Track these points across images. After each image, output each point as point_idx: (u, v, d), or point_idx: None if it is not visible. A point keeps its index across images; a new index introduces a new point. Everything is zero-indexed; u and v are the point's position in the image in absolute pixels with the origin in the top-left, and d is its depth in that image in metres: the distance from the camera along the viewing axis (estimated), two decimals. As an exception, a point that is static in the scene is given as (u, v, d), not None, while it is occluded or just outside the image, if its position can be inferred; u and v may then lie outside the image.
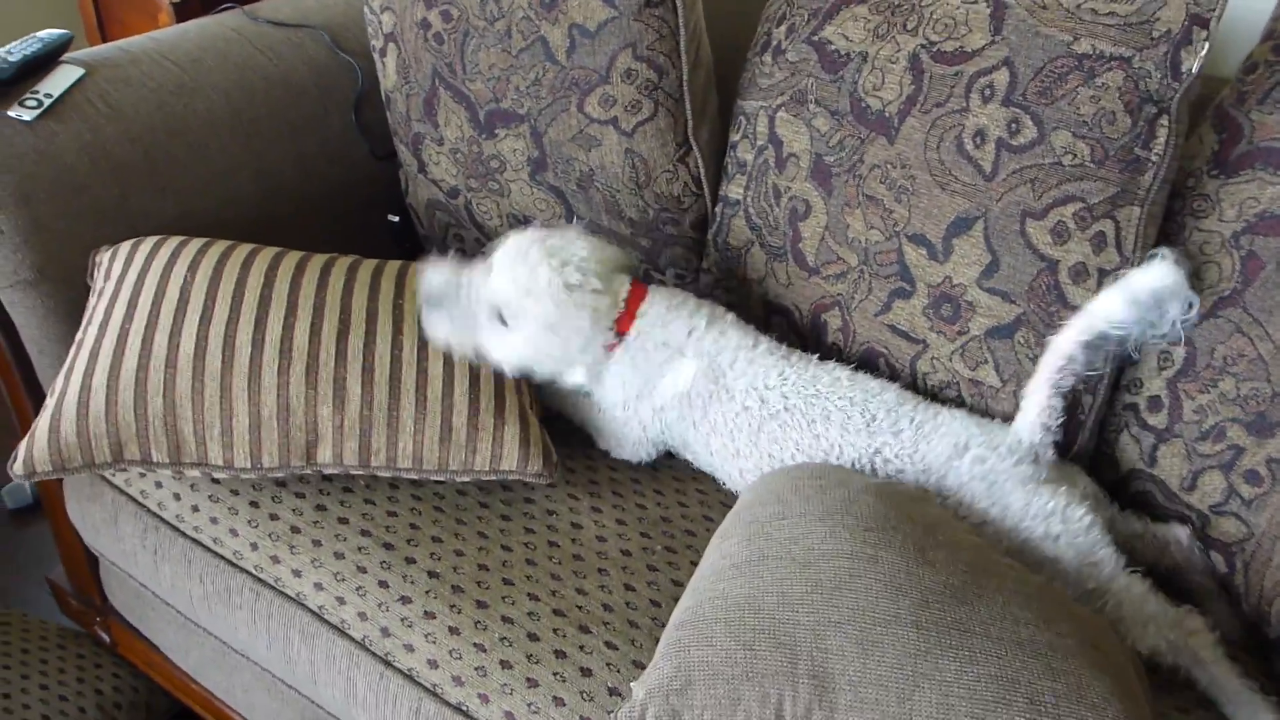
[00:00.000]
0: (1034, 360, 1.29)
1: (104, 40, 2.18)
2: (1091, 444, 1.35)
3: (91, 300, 1.41)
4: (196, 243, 1.43)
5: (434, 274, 1.34)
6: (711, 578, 1.06)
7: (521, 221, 1.65)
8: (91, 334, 1.35)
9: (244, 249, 1.42)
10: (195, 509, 1.38)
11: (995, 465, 1.23)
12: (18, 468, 1.30)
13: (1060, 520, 1.19)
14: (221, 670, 1.54)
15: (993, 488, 1.22)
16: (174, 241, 1.43)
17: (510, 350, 1.33)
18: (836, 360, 1.39)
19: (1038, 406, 1.25)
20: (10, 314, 1.49)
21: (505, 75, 1.54)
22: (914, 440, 1.26)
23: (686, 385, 1.35)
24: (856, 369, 1.37)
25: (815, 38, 1.42)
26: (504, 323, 1.33)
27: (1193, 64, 1.18)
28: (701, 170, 1.55)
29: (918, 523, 1.08)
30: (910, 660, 0.93)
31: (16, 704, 1.63)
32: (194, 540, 1.39)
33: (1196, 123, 1.28)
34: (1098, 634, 1.02)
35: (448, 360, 1.35)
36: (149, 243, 1.44)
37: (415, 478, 1.34)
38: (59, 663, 1.71)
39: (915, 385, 1.40)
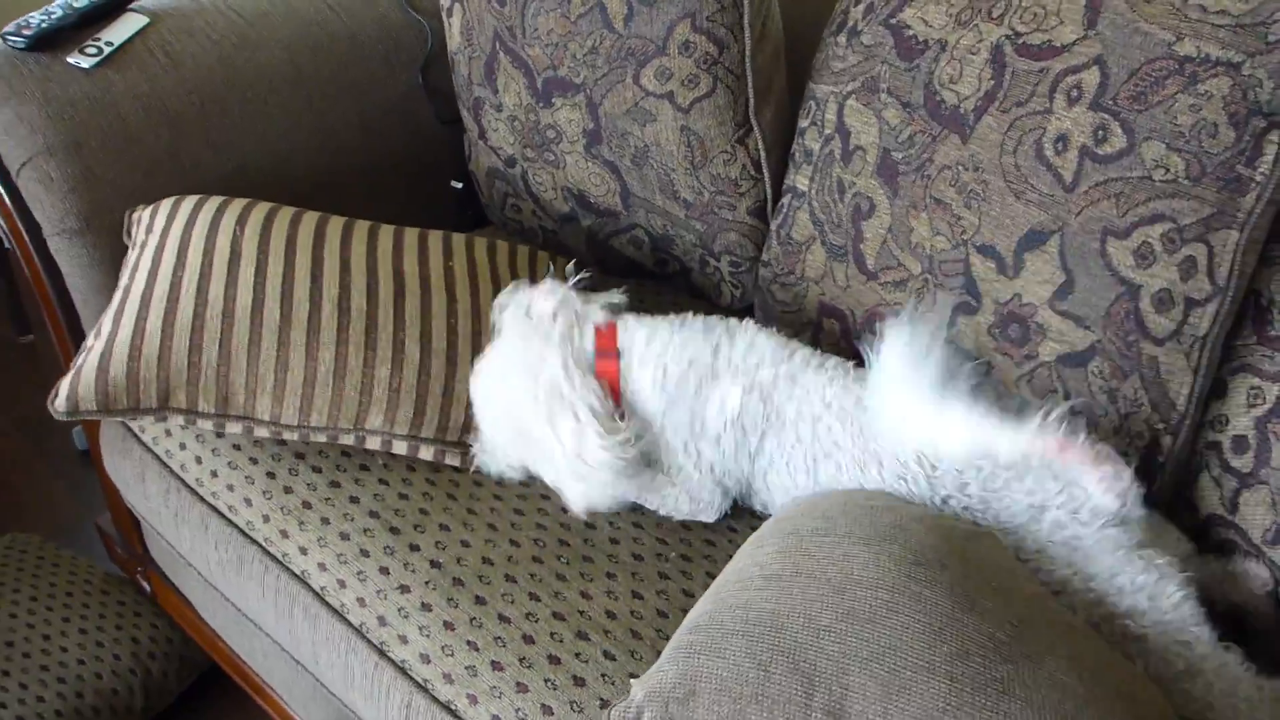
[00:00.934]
0: (1108, 394, 1.19)
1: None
2: (1168, 491, 1.24)
3: (133, 253, 1.39)
4: (240, 202, 1.41)
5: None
6: (737, 585, 0.99)
7: (576, 196, 1.59)
8: (140, 280, 1.33)
9: (288, 211, 1.40)
10: (214, 474, 1.37)
11: (1078, 530, 1.11)
12: (60, 404, 1.28)
13: (1147, 597, 1.08)
14: (242, 634, 1.53)
15: (1075, 554, 1.10)
16: (216, 200, 1.41)
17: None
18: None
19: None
20: (57, 260, 1.49)
21: (563, 42, 1.49)
22: (984, 500, 1.15)
23: (735, 409, 1.23)
24: None
25: (893, 20, 1.33)
26: None
27: None
28: (763, 153, 1.47)
29: (971, 562, 0.99)
30: (937, 714, 0.85)
31: (55, 646, 1.66)
32: (211, 506, 1.38)
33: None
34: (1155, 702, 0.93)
35: None
36: (190, 201, 1.42)
37: (458, 454, 1.31)
38: (100, 608, 1.74)
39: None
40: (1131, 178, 1.13)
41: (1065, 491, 1.12)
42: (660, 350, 1.24)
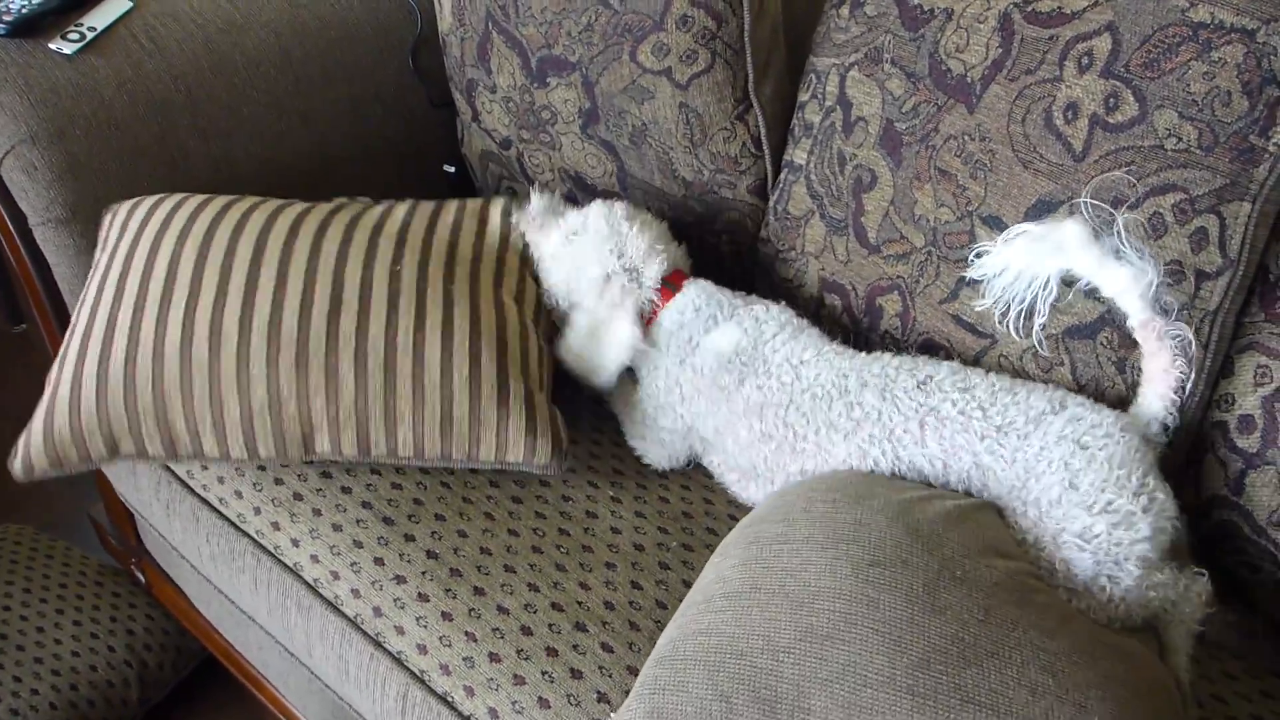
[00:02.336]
0: (1116, 365, 1.17)
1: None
2: (1174, 470, 1.19)
3: (90, 274, 1.35)
4: (193, 203, 1.36)
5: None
6: (700, 605, 0.96)
7: (573, 177, 1.56)
8: (84, 318, 1.29)
9: (242, 205, 1.35)
10: (205, 466, 1.34)
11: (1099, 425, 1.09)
12: (16, 467, 1.25)
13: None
14: (237, 626, 1.51)
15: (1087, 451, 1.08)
16: (171, 202, 1.36)
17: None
18: (893, 349, 1.27)
19: (1159, 396, 1.13)
20: (43, 250, 1.46)
21: (558, 19, 1.46)
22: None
23: (730, 346, 1.25)
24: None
25: (898, -10, 1.29)
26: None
27: None
28: (763, 130, 1.44)
29: (937, 551, 0.96)
30: (901, 732, 0.82)
31: (49, 637, 1.64)
32: (202, 499, 1.36)
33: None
34: (1139, 685, 0.89)
35: (445, 345, 1.25)
36: (146, 205, 1.37)
37: (420, 465, 1.27)
38: (95, 599, 1.71)
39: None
40: (1143, 146, 1.11)
41: (1086, 401, 1.13)
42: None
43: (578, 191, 1.59)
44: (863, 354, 1.24)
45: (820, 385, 1.20)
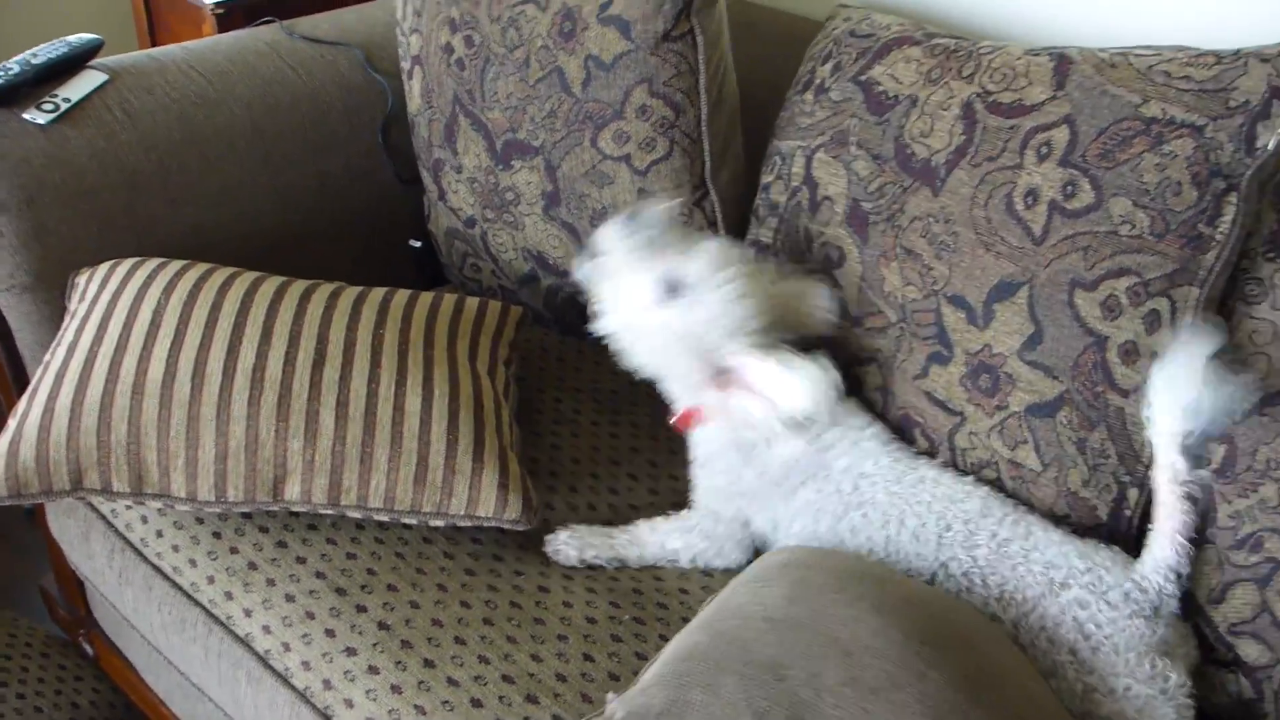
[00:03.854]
0: (1076, 445, 1.18)
1: (154, 46, 2.18)
2: (1132, 548, 1.19)
3: (66, 322, 1.36)
4: (175, 265, 1.37)
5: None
6: (736, 622, 0.95)
7: (535, 257, 1.57)
8: (59, 356, 1.30)
9: (224, 272, 1.36)
10: (159, 534, 1.33)
11: (1101, 614, 1.07)
12: None
13: (1136, 710, 1.04)
14: (186, 699, 1.48)
15: (1083, 640, 1.07)
16: (152, 263, 1.38)
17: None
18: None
19: (1169, 540, 1.09)
20: (5, 316, 1.46)
21: (522, 105, 1.49)
22: (991, 564, 1.13)
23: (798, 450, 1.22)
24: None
25: (862, 77, 1.33)
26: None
27: (1270, 140, 1.08)
28: (719, 215, 1.47)
29: (976, 649, 0.96)
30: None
31: (-10, 709, 1.59)
32: (155, 567, 1.34)
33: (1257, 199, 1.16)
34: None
35: (426, 397, 1.26)
36: (126, 264, 1.38)
37: (386, 519, 1.26)
38: (40, 671, 1.68)
39: (954, 460, 1.28)
40: (1099, 232, 1.14)
41: (1092, 572, 1.10)
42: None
43: (540, 270, 1.61)
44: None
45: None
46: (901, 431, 1.31)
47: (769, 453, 1.23)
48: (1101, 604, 1.08)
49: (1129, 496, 1.18)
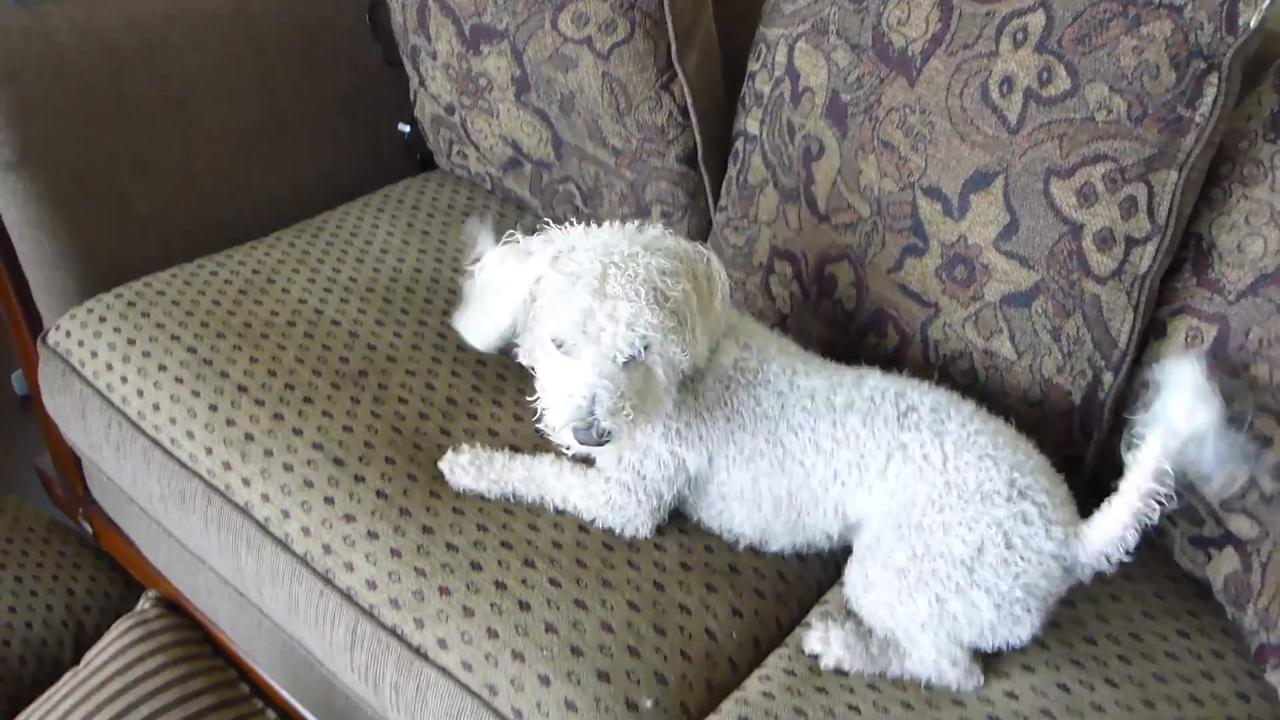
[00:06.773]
0: (1051, 333, 1.20)
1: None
2: (1105, 434, 1.24)
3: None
4: None
5: None
6: None
7: (512, 144, 1.56)
8: None
9: None
10: (156, 407, 1.35)
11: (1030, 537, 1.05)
12: None
13: None
14: (186, 570, 1.52)
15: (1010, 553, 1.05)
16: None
17: None
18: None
19: (1120, 522, 1.04)
20: (-9, 196, 1.46)
21: (486, -14, 1.46)
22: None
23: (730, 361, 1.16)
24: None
25: (844, -38, 1.32)
26: None
27: (1251, 18, 1.08)
28: (689, 100, 1.44)
29: None
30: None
31: (-12, 590, 1.62)
32: (153, 440, 1.36)
33: (1257, 81, 1.17)
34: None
35: None
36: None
37: None
38: (39, 556, 1.69)
39: (926, 353, 1.31)
40: (1075, 119, 1.14)
41: (1050, 494, 1.08)
42: None
43: (520, 157, 1.60)
44: (853, 371, 1.18)
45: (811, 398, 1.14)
46: (874, 325, 1.32)
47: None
48: (1039, 530, 1.06)
49: (1104, 381, 1.21)
